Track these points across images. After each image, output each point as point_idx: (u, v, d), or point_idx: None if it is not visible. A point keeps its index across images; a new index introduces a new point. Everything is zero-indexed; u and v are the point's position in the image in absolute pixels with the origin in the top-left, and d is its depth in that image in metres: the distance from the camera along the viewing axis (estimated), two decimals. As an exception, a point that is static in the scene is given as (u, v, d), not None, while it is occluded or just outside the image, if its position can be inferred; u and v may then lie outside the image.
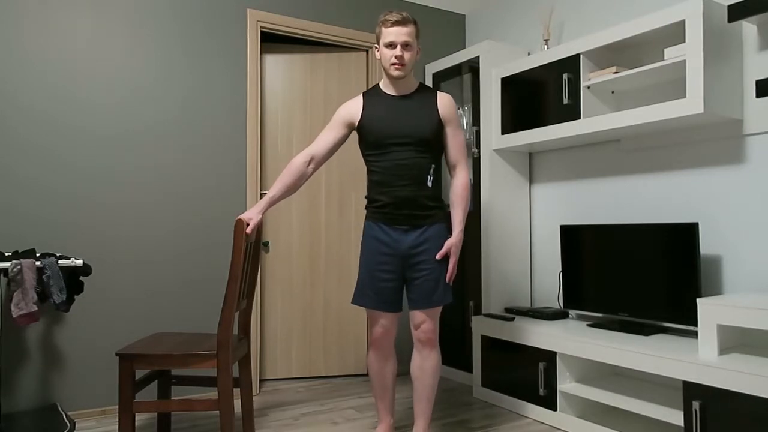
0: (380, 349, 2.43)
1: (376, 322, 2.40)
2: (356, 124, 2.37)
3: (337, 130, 2.39)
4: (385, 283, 2.32)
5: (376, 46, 2.34)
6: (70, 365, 2.86)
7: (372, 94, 2.40)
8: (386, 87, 2.38)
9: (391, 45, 2.26)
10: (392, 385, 2.49)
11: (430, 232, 2.32)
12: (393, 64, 2.26)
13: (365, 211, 2.43)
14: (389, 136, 2.29)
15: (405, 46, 2.26)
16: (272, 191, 2.34)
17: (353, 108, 2.38)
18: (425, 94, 2.37)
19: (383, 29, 2.28)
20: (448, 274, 2.32)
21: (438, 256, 2.30)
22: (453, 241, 2.32)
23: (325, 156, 2.40)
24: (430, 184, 2.32)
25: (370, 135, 2.32)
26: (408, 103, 2.33)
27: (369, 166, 2.38)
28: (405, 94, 2.36)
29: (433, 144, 2.33)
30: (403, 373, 3.70)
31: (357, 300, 2.38)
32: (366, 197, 2.42)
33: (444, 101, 2.36)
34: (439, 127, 2.33)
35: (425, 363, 2.38)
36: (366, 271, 2.35)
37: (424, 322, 2.34)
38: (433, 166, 2.33)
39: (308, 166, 2.37)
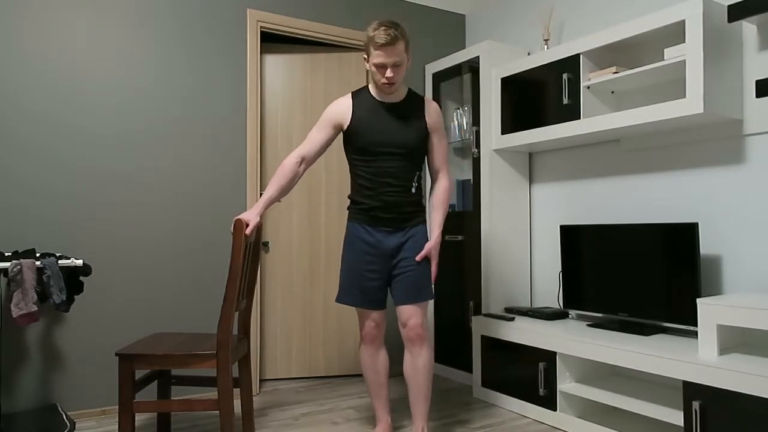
0: (371, 344, 2.50)
1: (366, 318, 2.47)
2: (345, 126, 2.39)
3: (326, 131, 2.41)
4: (371, 282, 2.40)
5: (365, 57, 2.32)
6: (70, 365, 2.86)
7: (361, 98, 2.40)
8: (376, 93, 2.40)
9: (381, 66, 2.25)
10: (386, 381, 2.54)
11: (412, 232, 2.42)
12: (383, 84, 2.29)
13: (347, 212, 2.48)
14: (378, 145, 2.34)
15: (395, 65, 2.26)
16: (268, 192, 2.36)
17: (342, 110, 2.39)
18: (414, 103, 2.42)
19: (372, 50, 2.25)
20: (433, 277, 2.41)
21: (418, 258, 2.38)
22: (432, 244, 2.41)
23: (316, 156, 2.44)
24: (414, 190, 2.42)
25: (358, 141, 2.36)
26: (398, 113, 2.38)
27: (355, 170, 2.43)
28: (394, 101, 2.40)
29: (419, 153, 2.42)
30: (398, 374, 3.70)
31: (342, 299, 2.45)
32: (349, 197, 2.47)
33: (431, 110, 2.43)
34: (426, 136, 2.42)
35: (417, 361, 2.39)
36: (350, 270, 2.42)
37: (411, 318, 2.37)
38: (417, 173, 2.43)
39: (300, 166, 2.40)
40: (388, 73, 2.25)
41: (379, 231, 2.39)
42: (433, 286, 2.44)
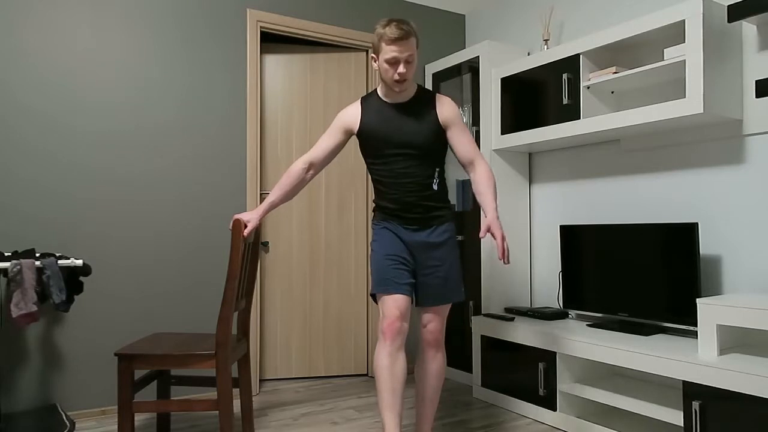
0: (393, 340, 2.19)
1: (391, 306, 2.20)
2: (355, 131, 2.34)
3: (335, 137, 2.37)
4: (403, 266, 2.25)
5: (374, 56, 2.24)
6: (70, 365, 2.86)
7: (370, 101, 2.35)
8: (384, 94, 2.32)
9: (394, 61, 2.15)
10: (402, 390, 2.21)
11: (439, 231, 2.29)
12: (396, 81, 2.18)
13: (373, 213, 2.41)
14: (388, 146, 2.26)
15: (408, 61, 2.15)
16: (271, 196, 2.35)
17: (351, 115, 2.35)
18: (424, 100, 2.30)
19: (384, 45, 2.15)
20: (499, 252, 2.19)
21: (481, 235, 2.17)
22: (489, 219, 2.18)
23: (324, 162, 2.39)
24: (436, 187, 2.29)
25: (369, 145, 2.31)
26: (406, 111, 2.28)
27: (372, 174, 2.36)
28: (403, 101, 2.30)
29: (435, 150, 2.28)
30: (409, 371, 3.69)
31: (377, 288, 2.24)
32: (373, 201, 2.41)
33: (443, 104, 2.29)
34: (440, 132, 2.27)
35: (431, 364, 2.36)
36: (382, 257, 2.26)
37: (431, 322, 2.33)
38: (437, 169, 2.30)
39: (307, 172, 2.37)
40: (401, 68, 2.14)
41: (406, 229, 2.29)
42: (462, 287, 2.32)
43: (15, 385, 2.74)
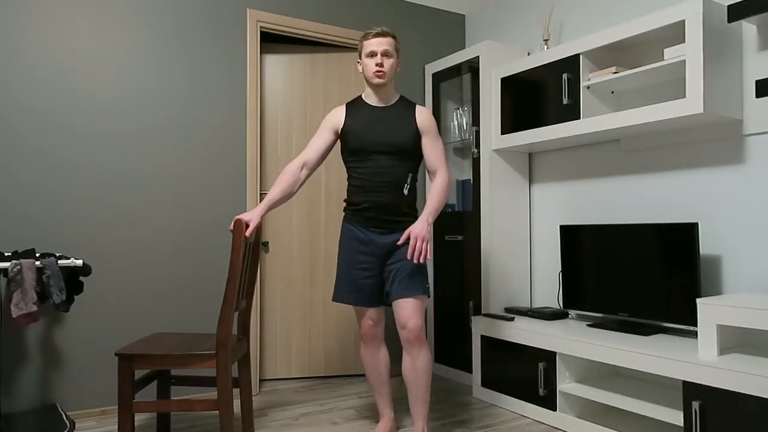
0: (370, 342, 2.56)
1: (363, 316, 2.53)
2: (339, 130, 2.50)
3: (325, 136, 2.52)
4: (365, 280, 2.45)
5: (358, 60, 2.47)
6: (70, 365, 2.86)
7: (354, 105, 2.53)
8: (368, 98, 2.51)
9: (372, 54, 2.39)
10: (387, 378, 2.60)
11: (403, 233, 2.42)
12: (375, 72, 2.39)
13: (343, 213, 2.52)
14: (368, 144, 2.41)
15: (385, 54, 2.39)
16: (270, 195, 2.43)
17: (337, 116, 2.52)
18: (404, 106, 2.49)
19: (364, 42, 2.42)
20: (409, 251, 2.23)
21: (399, 242, 2.33)
22: (415, 223, 2.29)
23: (317, 160, 2.52)
24: (406, 192, 2.44)
25: (350, 142, 2.45)
26: (387, 113, 2.46)
27: (349, 173, 2.52)
28: (385, 105, 2.49)
29: (411, 153, 2.45)
30: (398, 373, 3.69)
31: (337, 297, 2.50)
32: (345, 200, 2.55)
33: (422, 112, 2.47)
34: (417, 137, 2.45)
35: (416, 363, 2.39)
36: (345, 269, 2.48)
37: (409, 320, 2.36)
38: (410, 175, 2.46)
39: (301, 170, 2.49)
40: (378, 59, 2.37)
41: (372, 232, 2.44)
42: (428, 284, 2.42)
43: (15, 385, 2.74)
